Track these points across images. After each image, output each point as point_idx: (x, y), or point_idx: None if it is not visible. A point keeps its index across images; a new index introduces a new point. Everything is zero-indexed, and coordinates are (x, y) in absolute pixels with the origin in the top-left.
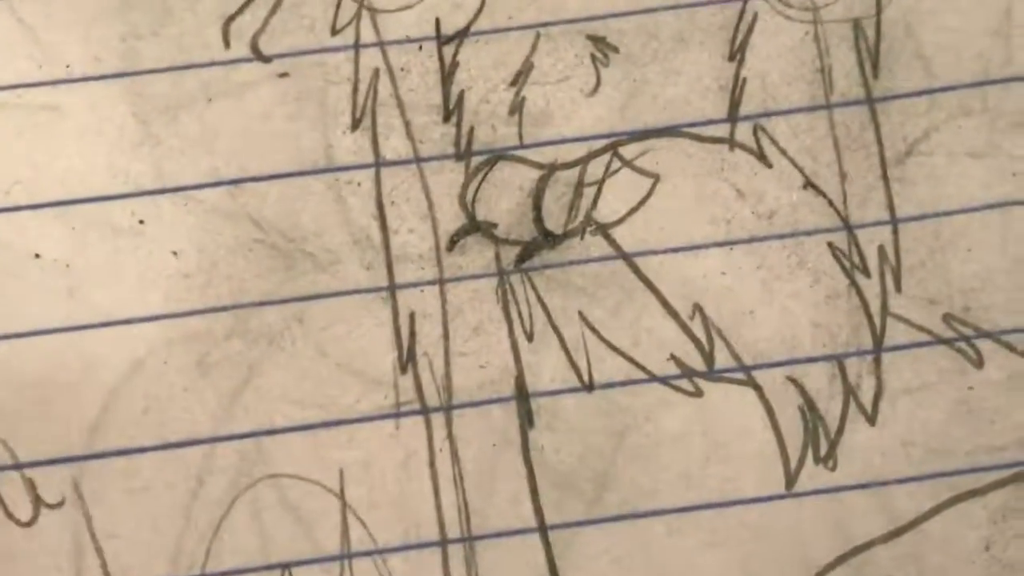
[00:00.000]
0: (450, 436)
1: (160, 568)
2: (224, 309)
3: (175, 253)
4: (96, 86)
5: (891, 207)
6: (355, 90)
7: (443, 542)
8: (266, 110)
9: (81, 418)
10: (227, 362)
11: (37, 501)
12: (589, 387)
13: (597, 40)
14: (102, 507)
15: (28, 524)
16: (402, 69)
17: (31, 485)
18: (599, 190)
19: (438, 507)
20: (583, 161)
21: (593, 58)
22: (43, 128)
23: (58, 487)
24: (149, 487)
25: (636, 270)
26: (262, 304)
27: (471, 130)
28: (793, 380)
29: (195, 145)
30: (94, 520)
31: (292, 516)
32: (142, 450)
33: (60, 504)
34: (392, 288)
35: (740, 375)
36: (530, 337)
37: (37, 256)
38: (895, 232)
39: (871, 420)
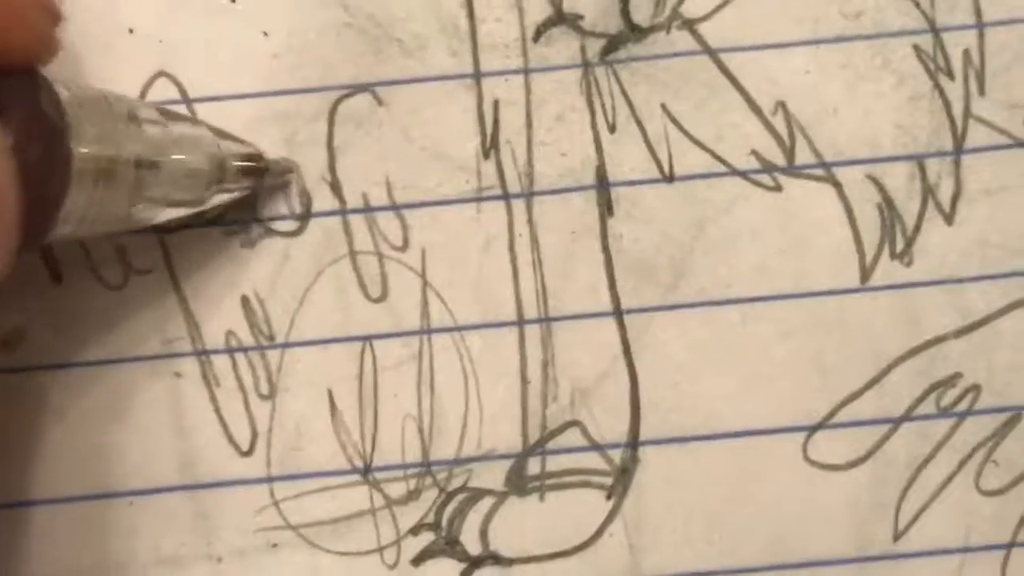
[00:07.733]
0: (530, 221)
1: (245, 337)
2: (312, 91)
3: (266, 33)
4: None
5: (978, 11)
6: None
7: (520, 322)
8: None
9: None
10: (314, 143)
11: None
12: (669, 178)
13: None
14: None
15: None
16: None
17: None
18: None
19: (516, 289)
20: None
21: None
22: None
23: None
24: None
25: (720, 65)
26: (349, 87)
27: None
28: (872, 178)
29: None
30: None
31: (374, 292)
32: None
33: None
34: (477, 75)
35: (820, 171)
36: (612, 128)
37: (131, 31)
38: (981, 36)
39: (948, 219)
